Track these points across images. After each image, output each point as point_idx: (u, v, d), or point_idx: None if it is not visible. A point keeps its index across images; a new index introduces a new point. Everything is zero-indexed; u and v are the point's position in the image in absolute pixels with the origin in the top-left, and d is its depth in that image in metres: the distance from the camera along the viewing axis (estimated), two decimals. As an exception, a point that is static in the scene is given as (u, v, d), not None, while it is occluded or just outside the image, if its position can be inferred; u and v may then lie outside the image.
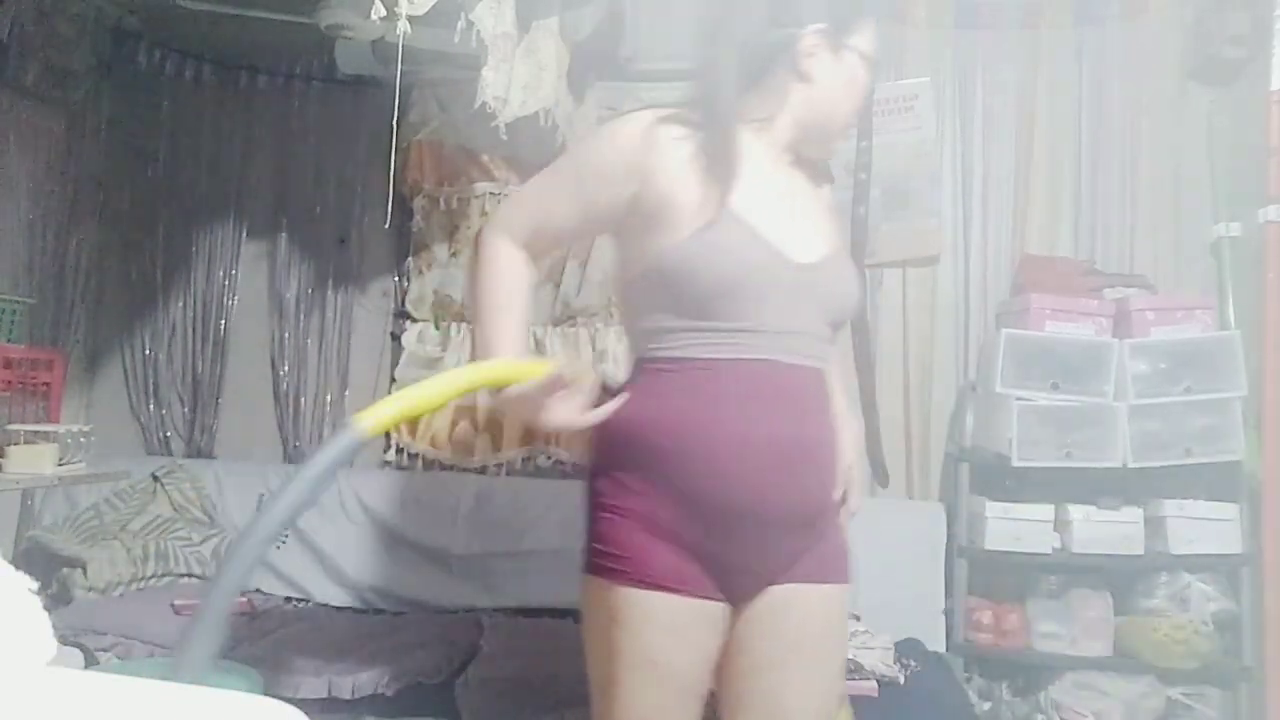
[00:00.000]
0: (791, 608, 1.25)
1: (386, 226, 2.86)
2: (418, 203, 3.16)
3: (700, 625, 1.22)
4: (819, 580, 1.27)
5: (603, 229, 1.35)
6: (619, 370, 2.98)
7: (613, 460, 1.25)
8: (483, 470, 3.06)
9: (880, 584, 2.57)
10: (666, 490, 1.20)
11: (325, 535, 2.93)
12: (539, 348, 3.06)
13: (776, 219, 1.24)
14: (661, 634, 1.20)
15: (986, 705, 2.47)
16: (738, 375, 1.20)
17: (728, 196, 1.20)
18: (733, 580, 1.22)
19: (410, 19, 1.80)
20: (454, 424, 3.11)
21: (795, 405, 1.23)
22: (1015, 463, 2.44)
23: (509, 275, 1.32)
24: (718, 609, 1.23)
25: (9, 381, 2.50)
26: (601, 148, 1.32)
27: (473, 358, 1.30)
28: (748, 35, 1.28)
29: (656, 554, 1.19)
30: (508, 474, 3.06)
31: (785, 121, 1.31)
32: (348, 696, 2.11)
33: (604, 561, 1.23)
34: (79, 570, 2.61)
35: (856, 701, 2.09)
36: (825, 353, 1.29)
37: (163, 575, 2.77)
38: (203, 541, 2.87)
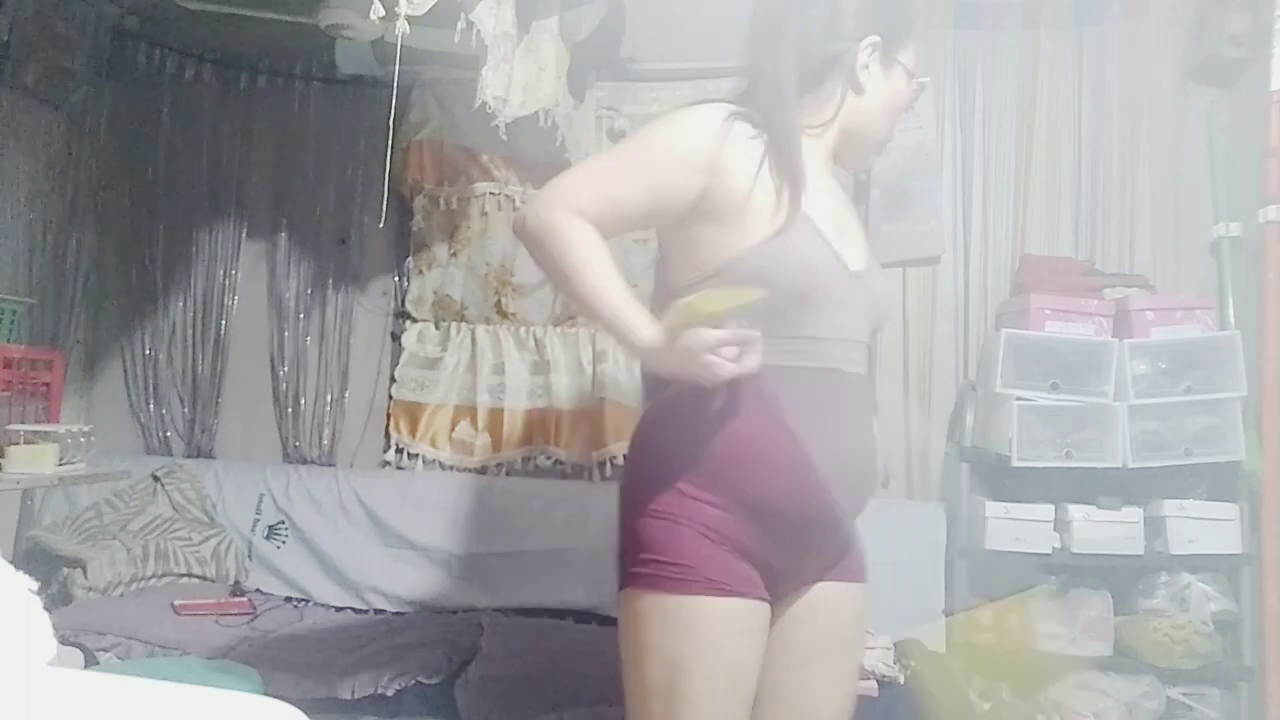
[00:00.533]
0: (829, 605, 1.31)
1: (384, 226, 2.86)
2: (418, 203, 3.16)
3: (762, 626, 1.24)
4: (849, 579, 1.34)
5: (664, 220, 1.27)
6: (618, 371, 2.99)
7: (667, 468, 1.22)
8: (483, 470, 3.06)
9: (880, 584, 2.55)
10: (729, 497, 1.20)
11: (325, 535, 2.93)
12: (538, 347, 3.06)
13: (835, 226, 1.27)
14: (737, 639, 1.21)
15: (986, 705, 2.46)
16: (807, 384, 1.23)
17: (800, 201, 1.22)
18: (780, 581, 1.26)
19: (410, 19, 1.80)
20: (454, 424, 3.11)
21: (854, 414, 1.29)
22: (1015, 463, 2.43)
23: (594, 242, 1.21)
24: (767, 609, 1.25)
25: (9, 381, 2.50)
26: (676, 133, 1.26)
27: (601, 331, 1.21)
28: (808, 44, 1.30)
29: (721, 560, 1.20)
30: (508, 474, 3.06)
31: (834, 130, 1.34)
32: (348, 696, 2.12)
33: (666, 572, 1.19)
34: (79, 570, 2.61)
35: (856, 701, 2.09)
36: (868, 360, 1.33)
37: (163, 575, 2.77)
38: (203, 541, 2.87)
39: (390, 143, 2.23)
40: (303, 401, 3.19)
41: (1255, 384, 2.46)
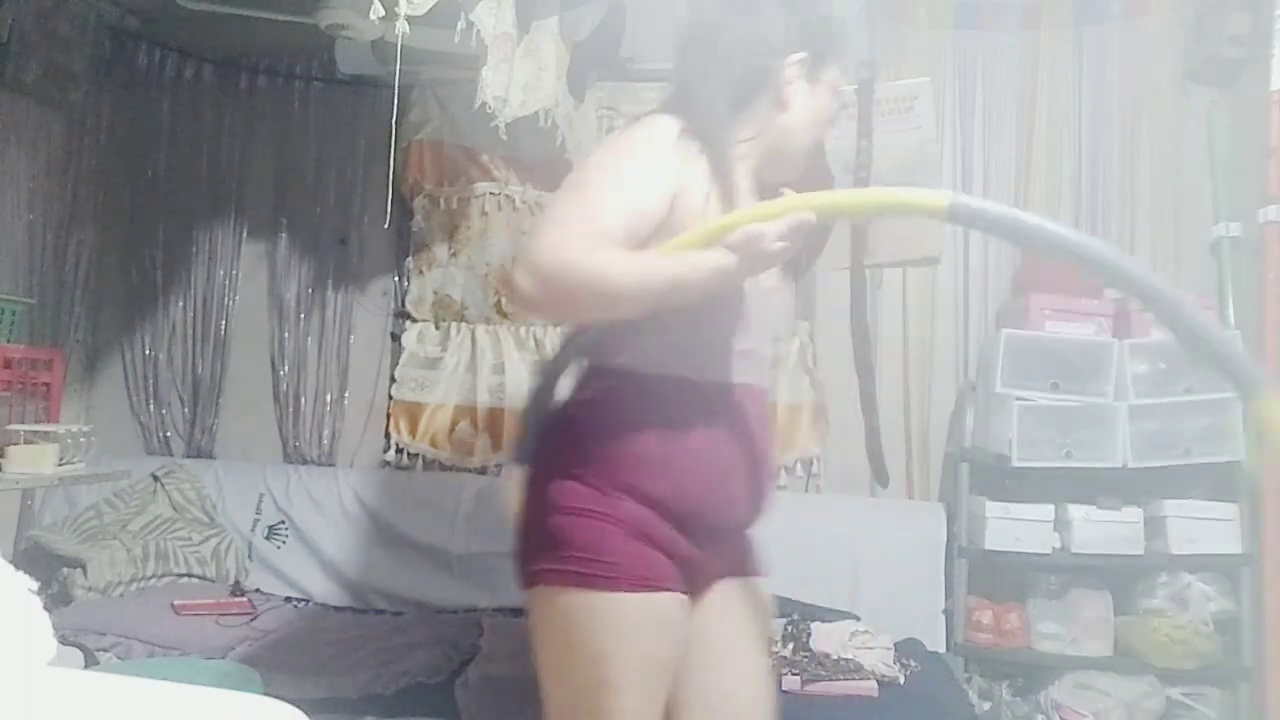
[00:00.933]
0: (741, 600, 1.34)
1: (386, 226, 2.86)
2: (418, 203, 3.16)
3: (684, 620, 1.26)
4: (754, 573, 1.38)
5: (639, 241, 1.19)
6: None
7: (586, 466, 1.22)
8: (483, 470, 3.06)
9: (880, 584, 2.57)
10: (650, 496, 1.21)
11: (325, 535, 2.93)
12: (538, 347, 3.06)
13: None
14: (663, 633, 1.22)
15: (986, 705, 2.46)
16: (722, 396, 1.26)
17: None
18: (695, 577, 1.28)
19: (410, 19, 1.80)
20: (454, 424, 3.11)
21: (760, 425, 1.32)
22: (1015, 463, 2.43)
23: (606, 250, 1.13)
24: (688, 603, 1.27)
25: (9, 381, 2.50)
26: (645, 154, 1.23)
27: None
28: (736, 60, 1.29)
29: (645, 556, 1.21)
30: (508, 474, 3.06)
31: (760, 146, 1.33)
32: (348, 696, 2.12)
33: (593, 570, 1.19)
34: (79, 570, 2.61)
35: (856, 701, 2.09)
36: (768, 372, 1.40)
37: (163, 575, 2.77)
38: (203, 541, 2.87)
39: (391, 143, 2.23)
40: (303, 401, 3.19)
41: (1255, 384, 2.45)
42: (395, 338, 3.19)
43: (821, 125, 1.37)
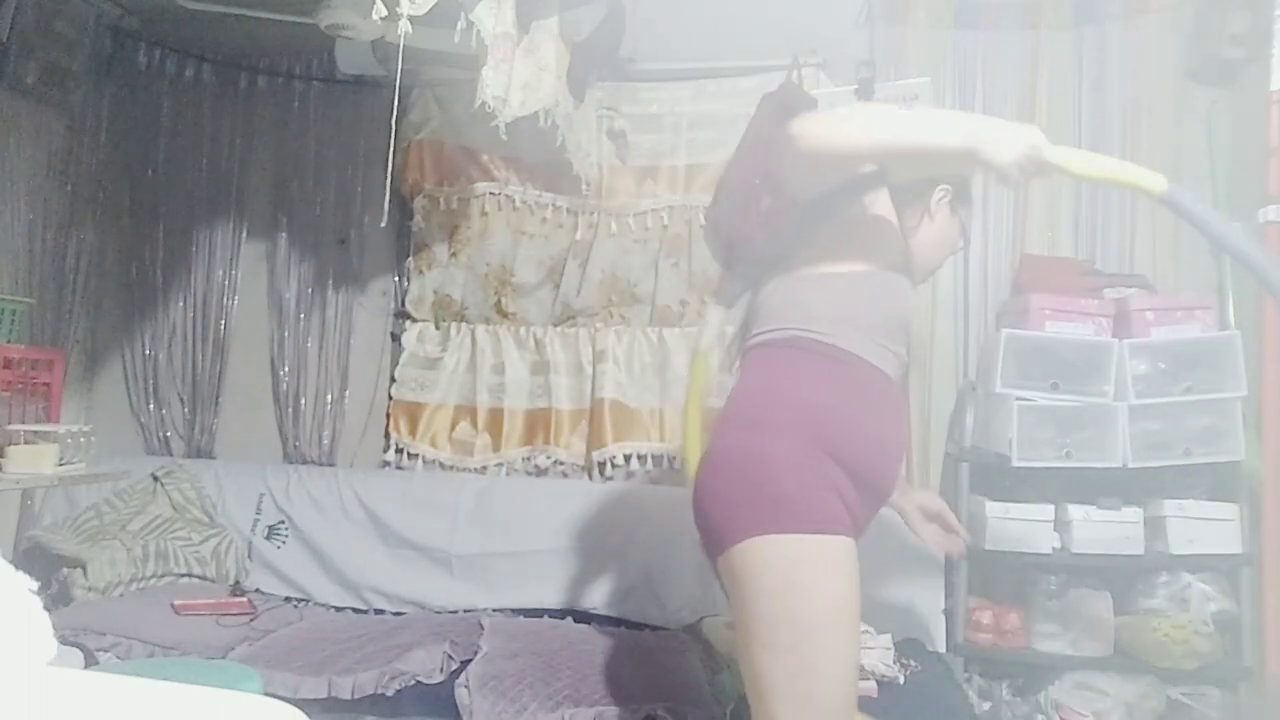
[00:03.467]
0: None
1: (384, 226, 2.86)
2: (418, 203, 3.16)
3: None
4: None
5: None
6: (618, 371, 2.99)
7: (795, 430, 1.39)
8: (483, 470, 3.06)
9: (880, 584, 2.57)
10: (841, 458, 1.39)
11: (325, 535, 2.93)
12: (539, 348, 3.06)
13: None
14: (857, 574, 1.38)
15: (986, 705, 2.46)
16: (885, 382, 1.49)
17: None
18: (858, 536, 1.44)
19: (410, 19, 1.80)
20: (454, 424, 3.11)
21: (901, 412, 1.66)
22: (1015, 463, 2.43)
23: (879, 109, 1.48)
24: None
25: (9, 381, 2.50)
26: None
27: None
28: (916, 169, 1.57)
29: (842, 508, 1.38)
30: (508, 474, 3.06)
31: (910, 242, 1.61)
32: (348, 696, 2.11)
33: (812, 518, 1.34)
34: (79, 570, 2.61)
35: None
36: None
37: (163, 575, 2.77)
38: (203, 541, 2.87)
39: (391, 143, 2.23)
40: (303, 401, 3.19)
41: (1255, 384, 2.46)
42: (395, 338, 3.19)
43: (947, 248, 1.67)
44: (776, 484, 1.36)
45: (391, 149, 2.29)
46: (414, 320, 3.16)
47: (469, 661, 2.25)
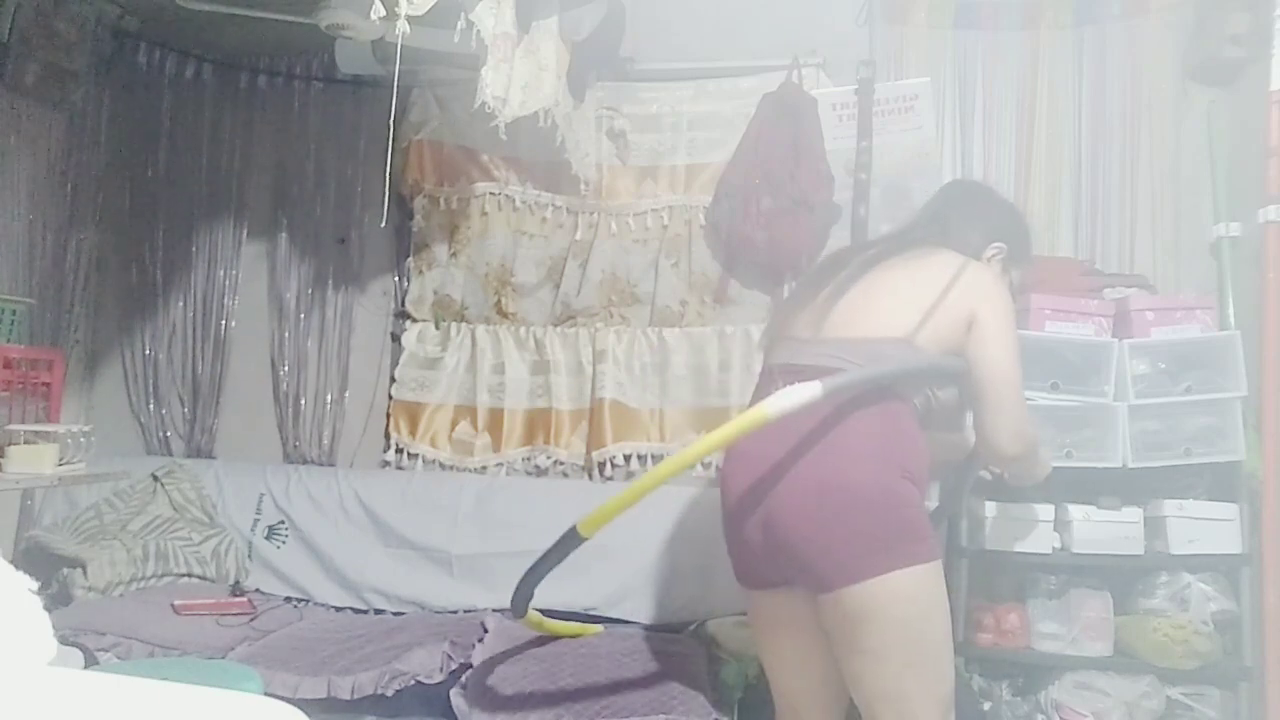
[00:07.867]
0: None
1: (384, 226, 2.86)
2: (418, 203, 3.16)
3: None
4: None
5: None
6: (618, 371, 2.99)
7: (914, 470, 1.59)
8: (483, 470, 3.06)
9: (880, 584, 2.56)
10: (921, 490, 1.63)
11: (325, 535, 2.93)
12: (539, 348, 3.06)
13: None
14: None
15: (986, 705, 2.46)
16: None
17: None
18: None
19: (410, 19, 1.80)
20: (454, 424, 3.11)
21: None
22: (1015, 463, 2.43)
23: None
24: None
25: (9, 381, 2.50)
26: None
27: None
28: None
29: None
30: (508, 474, 3.06)
31: None
32: (348, 696, 2.11)
33: (934, 547, 1.57)
34: (79, 570, 2.61)
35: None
36: None
37: (163, 575, 2.77)
38: (203, 541, 2.88)
39: (390, 143, 2.23)
40: (303, 401, 3.19)
41: (1255, 384, 2.46)
42: (395, 338, 3.19)
43: None
44: (919, 521, 1.55)
45: (391, 149, 2.30)
46: (414, 320, 3.16)
47: (469, 661, 2.25)
